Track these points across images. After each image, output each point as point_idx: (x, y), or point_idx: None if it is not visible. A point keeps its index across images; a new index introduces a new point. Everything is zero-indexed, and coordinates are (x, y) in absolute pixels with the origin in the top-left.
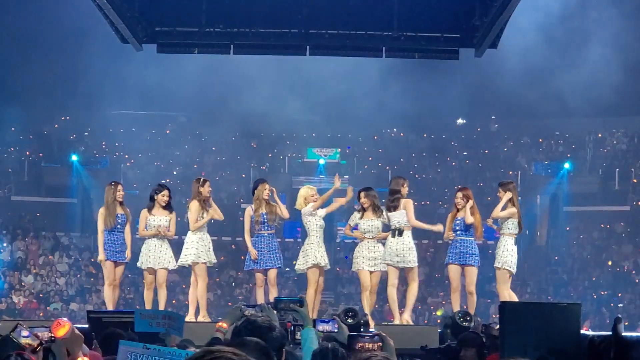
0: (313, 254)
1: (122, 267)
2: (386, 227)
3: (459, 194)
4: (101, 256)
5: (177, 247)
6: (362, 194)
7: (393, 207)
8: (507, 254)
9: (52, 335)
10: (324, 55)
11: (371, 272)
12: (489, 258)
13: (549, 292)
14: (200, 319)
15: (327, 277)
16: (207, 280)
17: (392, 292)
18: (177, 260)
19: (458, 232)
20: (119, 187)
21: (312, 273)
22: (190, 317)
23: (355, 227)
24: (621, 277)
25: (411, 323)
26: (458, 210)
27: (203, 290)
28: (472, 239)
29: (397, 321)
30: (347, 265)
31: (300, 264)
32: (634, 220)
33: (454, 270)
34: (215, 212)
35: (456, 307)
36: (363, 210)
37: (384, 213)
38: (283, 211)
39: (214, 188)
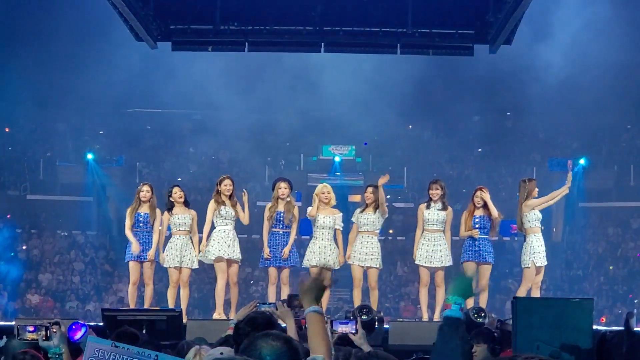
0: (308, 253)
1: (149, 265)
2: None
3: (478, 193)
4: (142, 252)
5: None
6: (370, 189)
7: (444, 208)
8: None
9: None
10: (339, 52)
11: (366, 268)
12: (504, 254)
13: (565, 289)
14: (215, 316)
15: (344, 274)
16: (226, 277)
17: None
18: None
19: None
20: (144, 187)
21: (312, 272)
22: (216, 315)
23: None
24: (637, 272)
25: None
26: (476, 207)
27: (220, 287)
28: (488, 237)
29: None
30: None
31: (304, 262)
32: None
33: (471, 268)
34: (240, 212)
35: (470, 304)
36: (365, 205)
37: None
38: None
39: None
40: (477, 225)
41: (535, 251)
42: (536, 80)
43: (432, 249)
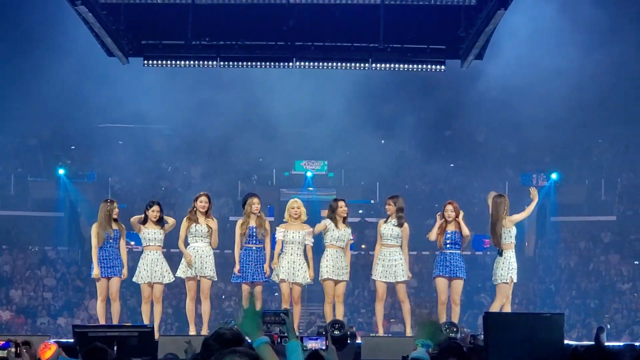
0: (282, 268)
1: (116, 280)
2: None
3: (449, 207)
4: (96, 271)
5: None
6: (341, 203)
7: (400, 224)
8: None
9: (39, 358)
10: (310, 67)
11: (336, 282)
12: (477, 269)
13: (537, 303)
14: (190, 332)
15: (318, 289)
16: (194, 294)
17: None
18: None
19: (448, 245)
20: (115, 204)
21: (282, 286)
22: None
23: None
24: (608, 287)
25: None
26: (447, 222)
27: (189, 305)
28: (459, 252)
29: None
30: None
31: (273, 276)
32: (620, 230)
33: (442, 283)
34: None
35: (443, 319)
36: (335, 219)
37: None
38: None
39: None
40: (448, 241)
41: (512, 267)
42: (507, 95)
43: (387, 264)
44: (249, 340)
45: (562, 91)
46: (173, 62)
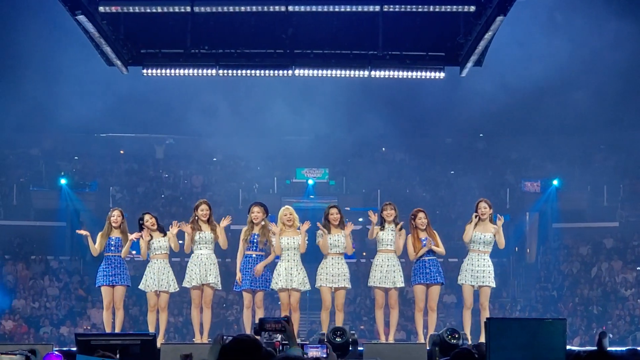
0: (280, 276)
1: (120, 289)
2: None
3: (421, 215)
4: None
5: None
6: (333, 210)
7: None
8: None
9: None
10: (310, 73)
11: (334, 290)
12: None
13: (539, 310)
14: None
15: (320, 297)
16: (199, 302)
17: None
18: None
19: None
20: (114, 212)
21: (281, 295)
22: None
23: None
24: (610, 293)
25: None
26: (420, 230)
27: (194, 313)
28: (435, 257)
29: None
30: None
31: (272, 284)
32: (622, 237)
33: (421, 290)
34: (219, 236)
35: (420, 327)
36: (328, 226)
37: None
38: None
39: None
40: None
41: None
42: (508, 102)
43: (385, 269)
44: None
45: (562, 97)
46: (172, 70)
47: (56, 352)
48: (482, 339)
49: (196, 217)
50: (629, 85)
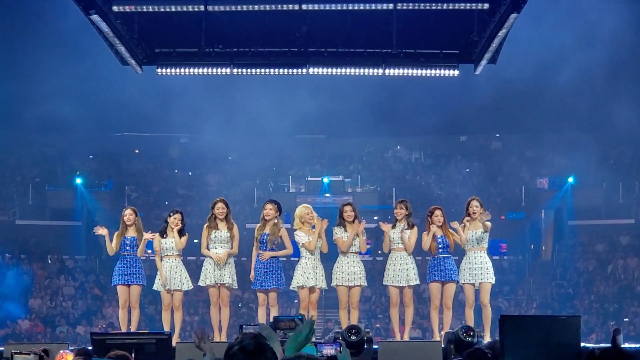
0: (299, 274)
1: (136, 288)
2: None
3: (438, 212)
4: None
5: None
6: (347, 207)
7: (411, 227)
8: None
9: None
10: (324, 72)
11: (350, 288)
12: (495, 273)
13: (555, 307)
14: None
15: (335, 295)
16: (217, 301)
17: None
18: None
19: (440, 250)
20: (127, 210)
21: (300, 292)
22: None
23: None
24: (626, 290)
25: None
26: (437, 227)
27: (213, 312)
28: (450, 255)
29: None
30: None
31: (292, 283)
32: (638, 233)
33: (436, 288)
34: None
35: (435, 325)
36: (343, 224)
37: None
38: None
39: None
40: (440, 246)
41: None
42: (523, 99)
43: (399, 268)
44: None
45: (577, 94)
46: (187, 69)
47: (68, 351)
48: (487, 337)
49: (213, 215)
50: None
